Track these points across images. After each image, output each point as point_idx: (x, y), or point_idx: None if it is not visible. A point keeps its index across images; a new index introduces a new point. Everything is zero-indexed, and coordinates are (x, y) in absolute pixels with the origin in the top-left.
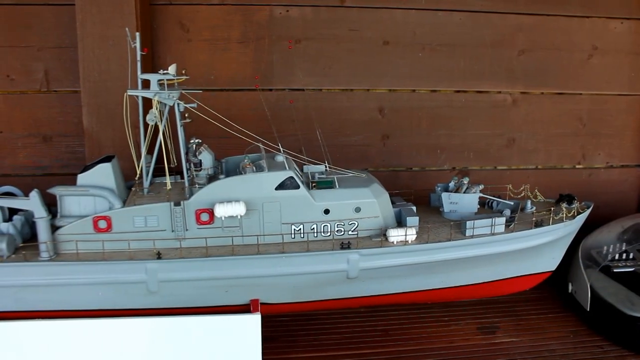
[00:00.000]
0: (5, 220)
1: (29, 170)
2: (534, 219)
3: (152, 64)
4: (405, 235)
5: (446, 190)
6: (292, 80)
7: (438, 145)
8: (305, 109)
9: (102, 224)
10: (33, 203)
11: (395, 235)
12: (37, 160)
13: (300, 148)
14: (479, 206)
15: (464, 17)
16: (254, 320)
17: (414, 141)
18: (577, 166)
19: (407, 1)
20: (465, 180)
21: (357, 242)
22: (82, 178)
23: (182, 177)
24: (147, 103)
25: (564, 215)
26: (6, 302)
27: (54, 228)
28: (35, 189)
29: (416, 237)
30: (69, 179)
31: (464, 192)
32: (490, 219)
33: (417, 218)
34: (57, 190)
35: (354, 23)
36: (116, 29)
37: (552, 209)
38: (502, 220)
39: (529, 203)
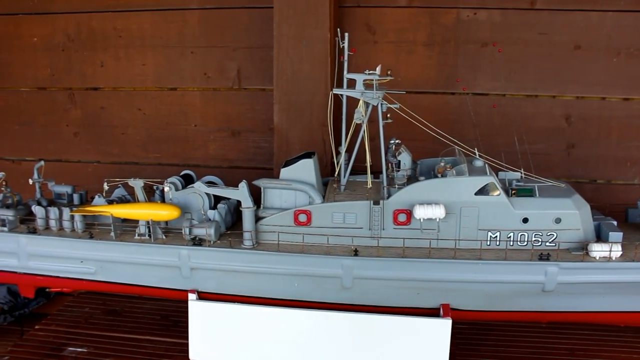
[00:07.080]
0: (211, 208)
1: (217, 162)
2: None
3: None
4: (610, 251)
5: None
6: (476, 84)
7: (628, 158)
8: (487, 115)
9: (303, 218)
10: (241, 193)
11: (599, 250)
12: (225, 153)
13: (498, 154)
14: None
15: None
16: (445, 325)
17: (601, 152)
18: None
19: (603, 3)
20: None
21: (556, 254)
22: (285, 172)
23: (378, 177)
24: (337, 102)
25: None
26: (209, 284)
27: (257, 218)
28: (244, 180)
29: (621, 254)
30: (254, 173)
31: None
32: None
33: (621, 234)
34: (262, 183)
35: (544, 26)
36: (310, 30)
37: None
38: None
39: None
